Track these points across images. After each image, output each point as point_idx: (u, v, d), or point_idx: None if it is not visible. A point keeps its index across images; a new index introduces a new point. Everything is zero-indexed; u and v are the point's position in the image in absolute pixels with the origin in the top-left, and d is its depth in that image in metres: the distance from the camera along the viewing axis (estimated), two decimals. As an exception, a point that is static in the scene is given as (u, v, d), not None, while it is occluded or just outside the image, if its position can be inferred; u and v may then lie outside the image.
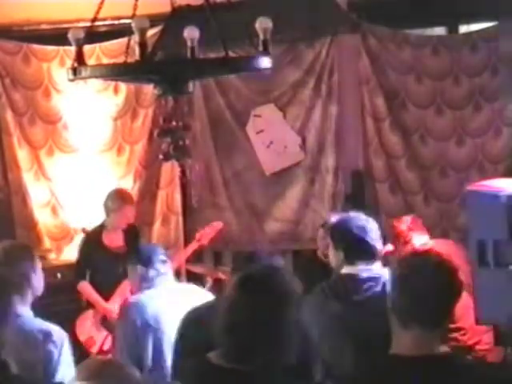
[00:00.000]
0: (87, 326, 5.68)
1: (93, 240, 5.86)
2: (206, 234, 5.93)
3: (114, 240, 5.82)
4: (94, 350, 5.57)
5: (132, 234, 5.92)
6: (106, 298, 5.63)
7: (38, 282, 3.57)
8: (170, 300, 3.98)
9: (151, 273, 4.05)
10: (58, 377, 3.23)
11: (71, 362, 3.36)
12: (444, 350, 2.50)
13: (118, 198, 5.82)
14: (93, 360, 2.59)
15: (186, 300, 3.89)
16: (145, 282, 4.08)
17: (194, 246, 5.95)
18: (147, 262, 4.07)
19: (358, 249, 3.60)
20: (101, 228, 5.88)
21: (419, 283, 2.48)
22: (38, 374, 3.19)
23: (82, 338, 5.59)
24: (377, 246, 3.66)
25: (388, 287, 2.58)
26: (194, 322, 3.42)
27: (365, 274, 3.54)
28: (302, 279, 5.99)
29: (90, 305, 5.79)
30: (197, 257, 6.34)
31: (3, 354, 2.74)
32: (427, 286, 2.48)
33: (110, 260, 5.59)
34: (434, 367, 2.45)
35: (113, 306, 5.50)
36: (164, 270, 4.09)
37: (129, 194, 6.07)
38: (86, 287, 5.76)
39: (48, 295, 4.65)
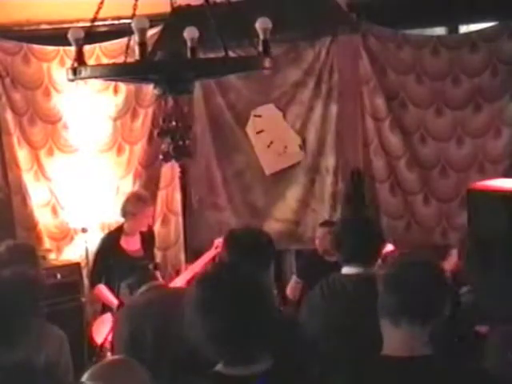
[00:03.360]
0: (105, 328, 5.66)
1: (110, 244, 5.82)
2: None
3: (132, 243, 5.80)
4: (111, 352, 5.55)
5: (149, 237, 5.95)
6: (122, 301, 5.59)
7: (40, 282, 3.57)
8: (164, 300, 4.04)
9: (133, 280, 4.22)
10: (57, 377, 3.23)
11: (70, 361, 3.36)
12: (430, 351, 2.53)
13: (138, 201, 5.80)
14: (106, 361, 2.59)
15: (179, 300, 3.95)
16: (134, 291, 4.20)
17: (212, 253, 5.80)
18: (126, 274, 4.27)
19: (356, 251, 3.59)
20: (119, 232, 5.85)
21: (408, 281, 2.53)
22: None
23: (100, 340, 5.55)
24: (375, 247, 3.64)
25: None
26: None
27: (363, 276, 3.53)
28: (303, 279, 6.03)
29: (107, 308, 5.76)
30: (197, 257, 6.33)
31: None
32: (416, 283, 2.53)
33: (128, 263, 5.55)
34: (425, 368, 2.47)
35: None
36: (143, 273, 4.27)
37: (147, 196, 6.02)
38: (102, 290, 5.73)
39: (48, 295, 4.64)
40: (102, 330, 5.64)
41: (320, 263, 5.44)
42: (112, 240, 5.84)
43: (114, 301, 5.59)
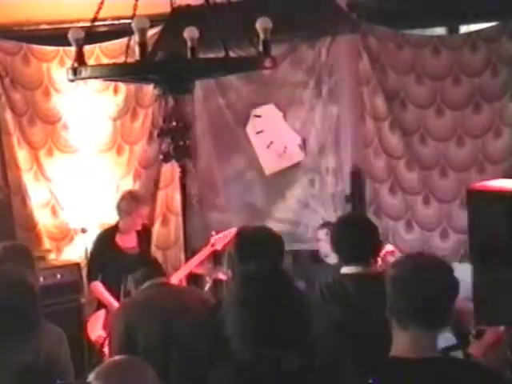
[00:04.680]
0: (99, 325, 5.68)
1: (106, 241, 5.85)
2: (220, 240, 5.79)
3: (127, 241, 5.84)
4: (106, 349, 5.56)
5: (145, 236, 5.97)
6: (118, 299, 5.61)
7: (35, 283, 3.57)
8: (163, 299, 4.05)
9: (140, 275, 4.26)
10: (57, 376, 3.23)
11: (70, 361, 3.36)
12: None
13: (132, 200, 5.83)
14: (113, 360, 2.58)
15: (179, 298, 3.97)
16: (139, 286, 4.21)
17: (208, 250, 5.81)
18: (132, 269, 4.32)
19: (354, 251, 3.56)
20: (114, 229, 5.88)
21: (417, 284, 2.50)
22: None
23: (94, 337, 5.58)
24: (374, 247, 3.62)
25: (386, 289, 2.59)
26: (188, 323, 3.40)
27: (363, 275, 3.51)
28: (302, 279, 6.03)
29: (102, 305, 5.77)
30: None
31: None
32: (425, 287, 2.50)
33: (123, 261, 5.57)
34: (433, 370, 2.46)
35: None
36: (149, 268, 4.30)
37: (142, 195, 6.08)
38: (98, 287, 5.75)
39: (48, 295, 4.65)
40: (96, 326, 5.66)
41: (320, 265, 5.44)
42: (107, 237, 5.87)
43: (109, 298, 5.62)
